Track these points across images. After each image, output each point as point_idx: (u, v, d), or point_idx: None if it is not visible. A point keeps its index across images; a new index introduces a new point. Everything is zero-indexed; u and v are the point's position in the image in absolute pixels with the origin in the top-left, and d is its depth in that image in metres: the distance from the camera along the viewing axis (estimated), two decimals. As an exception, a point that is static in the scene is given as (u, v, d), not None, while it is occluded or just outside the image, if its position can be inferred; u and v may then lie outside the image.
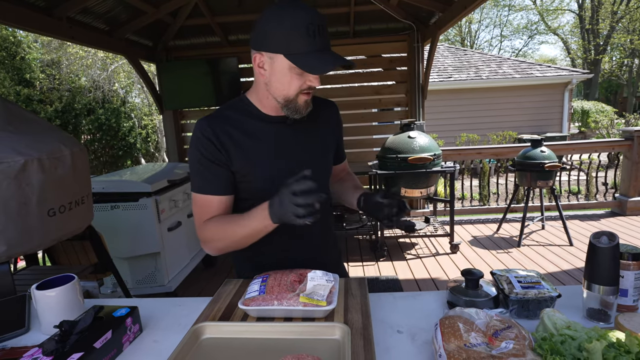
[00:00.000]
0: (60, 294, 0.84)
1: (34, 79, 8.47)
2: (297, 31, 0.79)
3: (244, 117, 0.94)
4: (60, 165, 1.56)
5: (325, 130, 1.04)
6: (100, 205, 2.46)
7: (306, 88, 0.86)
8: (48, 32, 2.72)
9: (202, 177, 0.92)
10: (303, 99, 0.88)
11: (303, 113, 0.91)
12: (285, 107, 0.90)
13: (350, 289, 0.92)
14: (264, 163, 0.93)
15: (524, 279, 0.87)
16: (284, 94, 0.87)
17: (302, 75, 0.84)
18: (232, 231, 0.89)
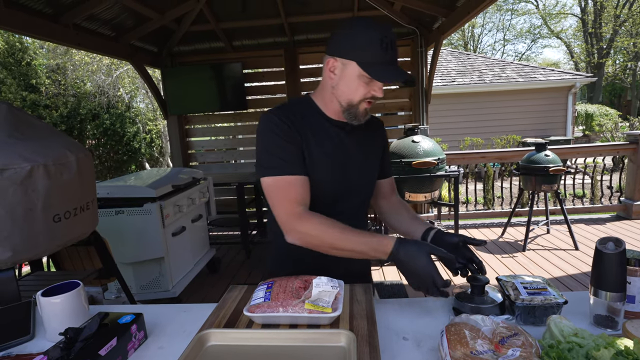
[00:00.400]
0: (65, 300, 0.85)
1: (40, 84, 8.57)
2: (372, 43, 0.87)
3: (309, 113, 0.99)
4: (66, 171, 1.58)
5: (375, 143, 1.11)
6: (105, 210, 2.48)
7: (370, 97, 0.93)
8: (55, 38, 2.75)
9: (280, 158, 0.92)
10: (364, 107, 0.95)
11: (361, 120, 0.98)
12: (346, 112, 0.96)
13: (356, 295, 0.92)
14: (322, 159, 0.97)
15: (530, 285, 0.86)
16: (349, 99, 0.94)
17: (369, 85, 0.91)
18: (339, 239, 0.88)
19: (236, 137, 4.55)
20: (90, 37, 3.08)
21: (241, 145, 4.60)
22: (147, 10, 3.19)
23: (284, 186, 0.92)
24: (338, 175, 0.99)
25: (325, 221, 0.90)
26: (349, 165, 1.01)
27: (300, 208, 0.91)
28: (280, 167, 0.92)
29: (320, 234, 0.89)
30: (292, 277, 0.87)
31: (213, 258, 3.35)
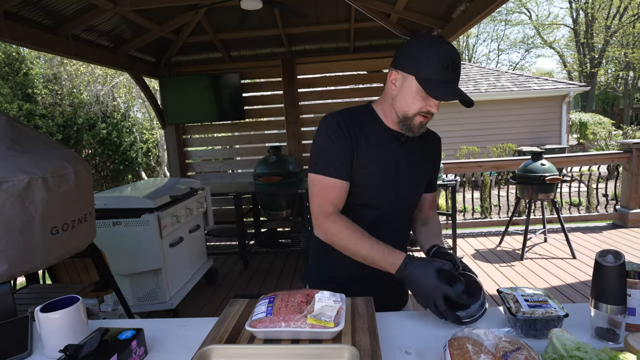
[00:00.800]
0: (64, 316, 0.84)
1: (37, 94, 8.56)
2: (432, 60, 0.90)
3: (367, 121, 1.05)
4: (64, 183, 1.57)
5: (428, 158, 1.13)
6: (102, 221, 2.46)
7: (425, 111, 0.96)
8: (54, 50, 2.77)
9: (327, 160, 1.00)
10: (419, 120, 0.98)
11: (415, 133, 1.00)
12: (401, 123, 1.00)
13: (357, 308, 0.91)
14: (372, 163, 1.02)
15: (530, 298, 0.86)
16: (404, 110, 0.97)
17: (425, 100, 0.94)
18: (354, 244, 0.96)
19: (233, 147, 4.56)
20: (88, 48, 3.09)
21: (239, 155, 4.60)
22: (146, 21, 3.22)
23: (324, 186, 1.00)
24: (384, 180, 1.04)
25: (348, 225, 0.98)
26: (397, 174, 1.05)
27: (332, 208, 1.00)
28: (327, 168, 1.00)
29: (340, 235, 0.98)
30: (293, 291, 0.87)
31: (210, 269, 3.33)
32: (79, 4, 2.66)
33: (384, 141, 1.04)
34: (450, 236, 3.95)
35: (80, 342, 0.75)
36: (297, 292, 0.86)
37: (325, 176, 1.00)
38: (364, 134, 1.02)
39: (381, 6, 3.37)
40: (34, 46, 2.58)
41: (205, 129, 4.41)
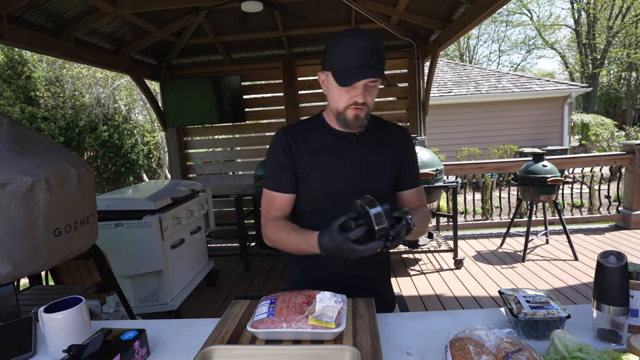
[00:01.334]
0: (68, 317, 0.84)
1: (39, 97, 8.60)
2: (341, 52, 0.93)
3: (314, 129, 1.08)
4: (67, 185, 1.58)
5: (390, 152, 1.09)
6: (104, 223, 2.47)
7: (352, 103, 0.96)
8: (56, 53, 2.78)
9: (272, 175, 1.08)
10: (352, 114, 0.98)
11: (354, 127, 1.01)
12: (338, 120, 1.02)
13: (358, 309, 0.91)
14: (319, 171, 1.04)
15: (532, 299, 0.86)
16: (335, 107, 1.00)
17: (349, 92, 0.95)
18: (284, 239, 1.00)
19: (234, 149, 4.57)
20: (90, 51, 3.11)
21: (239, 157, 4.61)
22: (147, 24, 3.24)
23: (269, 198, 1.08)
24: (335, 183, 1.04)
25: (279, 224, 1.04)
26: (351, 174, 1.04)
27: (272, 216, 1.07)
28: (271, 183, 1.08)
29: (273, 234, 1.04)
30: (294, 292, 0.87)
31: (211, 270, 3.33)
32: (80, 7, 2.67)
33: (330, 145, 1.05)
34: (451, 237, 3.95)
35: (84, 342, 0.76)
36: (299, 293, 0.86)
37: (270, 190, 1.08)
38: (307, 144, 1.05)
39: (382, 8, 3.39)
40: (37, 49, 2.60)
41: (206, 131, 4.42)
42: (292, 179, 1.06)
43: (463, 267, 3.38)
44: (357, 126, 1.00)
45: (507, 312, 0.86)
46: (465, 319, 0.93)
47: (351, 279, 1.07)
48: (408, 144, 1.14)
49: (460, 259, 3.38)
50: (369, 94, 0.97)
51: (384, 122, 1.15)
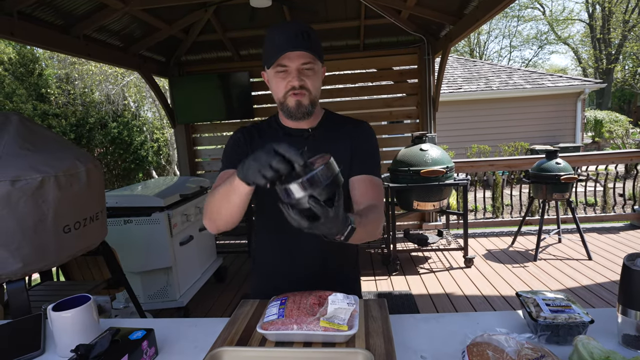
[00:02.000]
0: (76, 315, 0.83)
1: (50, 94, 8.70)
2: (268, 42, 0.94)
3: (268, 128, 1.07)
4: (76, 182, 1.58)
5: (344, 144, 1.04)
6: (114, 219, 2.48)
7: (290, 89, 0.95)
8: (66, 50, 2.79)
9: (227, 160, 1.03)
10: (292, 100, 0.96)
11: (297, 115, 0.97)
12: (282, 111, 1.00)
13: (371, 311, 0.89)
14: None
15: (552, 302, 0.83)
16: (277, 98, 0.99)
17: (284, 78, 0.94)
18: (213, 200, 0.88)
19: (243, 146, 4.56)
20: (99, 48, 3.12)
21: (248, 154, 4.59)
22: (156, 20, 3.23)
23: (220, 178, 0.99)
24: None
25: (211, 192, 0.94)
26: None
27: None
28: (224, 166, 1.03)
29: (207, 204, 0.91)
30: (305, 293, 0.85)
31: (220, 267, 3.34)
32: (90, 4, 2.68)
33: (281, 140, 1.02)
34: (461, 235, 3.90)
35: (92, 342, 0.75)
36: (309, 294, 0.84)
37: (222, 170, 1.02)
38: (259, 144, 1.03)
39: (392, 2, 3.33)
40: (46, 46, 2.61)
41: (215, 128, 4.42)
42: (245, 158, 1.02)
43: (473, 266, 3.33)
44: (301, 114, 0.97)
45: (526, 315, 0.83)
46: (481, 321, 0.90)
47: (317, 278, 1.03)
48: (363, 134, 1.06)
49: (471, 257, 3.33)
50: (306, 77, 0.94)
51: (342, 117, 1.11)
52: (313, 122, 1.06)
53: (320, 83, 1.02)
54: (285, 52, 0.90)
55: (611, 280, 2.89)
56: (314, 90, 0.97)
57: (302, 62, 0.93)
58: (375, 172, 1.04)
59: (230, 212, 0.84)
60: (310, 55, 0.93)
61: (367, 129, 1.09)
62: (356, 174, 1.02)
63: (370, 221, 0.85)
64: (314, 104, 0.99)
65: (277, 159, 0.66)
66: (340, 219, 0.68)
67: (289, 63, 0.93)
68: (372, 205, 0.94)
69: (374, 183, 1.01)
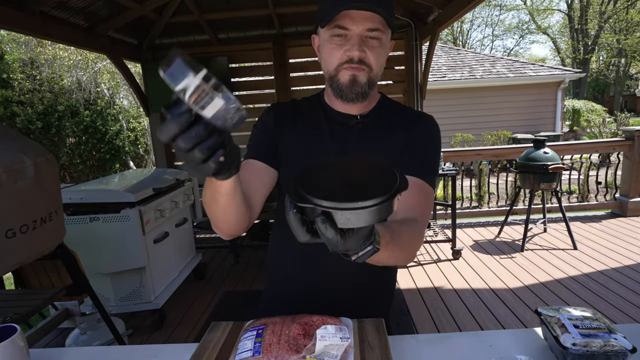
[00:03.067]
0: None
1: (13, 79, 8.09)
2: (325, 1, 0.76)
3: (309, 107, 0.89)
4: (21, 178, 1.37)
5: (397, 138, 0.85)
6: (78, 217, 2.26)
7: (346, 60, 0.76)
8: (19, 28, 2.49)
9: (249, 147, 0.87)
10: (346, 75, 0.77)
11: (350, 95, 0.79)
12: (332, 88, 0.81)
13: (367, 336, 0.75)
14: (298, 156, 0.84)
15: (581, 323, 0.70)
16: (328, 71, 0.80)
17: (340, 45, 0.76)
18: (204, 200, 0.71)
19: (223, 135, 4.33)
20: (60, 27, 2.82)
21: (228, 144, 4.38)
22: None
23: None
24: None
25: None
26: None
27: None
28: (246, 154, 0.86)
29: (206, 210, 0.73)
30: (287, 319, 0.70)
31: (199, 263, 3.16)
32: (45, -23, 2.39)
33: (322, 127, 0.85)
34: (448, 226, 3.84)
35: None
36: (293, 321, 0.69)
37: (244, 160, 0.84)
38: (296, 122, 0.86)
39: (379, -17, 3.14)
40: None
41: (192, 117, 4.17)
42: (269, 145, 0.84)
43: (461, 258, 3.27)
44: (355, 94, 0.78)
45: (549, 338, 0.71)
46: (494, 342, 0.77)
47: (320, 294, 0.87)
48: (423, 128, 0.86)
49: (459, 249, 3.26)
50: (370, 49, 0.75)
51: (401, 106, 0.91)
52: (366, 107, 0.86)
53: (385, 60, 0.81)
54: (348, 8, 0.70)
55: (597, 270, 2.87)
56: (376, 66, 0.78)
57: (369, 27, 0.73)
58: (429, 178, 0.82)
59: (227, 216, 0.69)
60: (380, 19, 0.73)
61: (430, 123, 0.88)
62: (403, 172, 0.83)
63: (404, 242, 0.65)
64: (372, 84, 0.79)
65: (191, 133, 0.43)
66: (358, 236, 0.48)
67: (352, 25, 0.73)
68: (412, 220, 0.73)
69: (424, 191, 0.80)
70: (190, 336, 2.34)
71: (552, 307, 0.78)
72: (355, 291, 0.90)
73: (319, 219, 0.43)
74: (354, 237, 0.46)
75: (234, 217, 0.70)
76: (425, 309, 2.50)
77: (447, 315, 2.41)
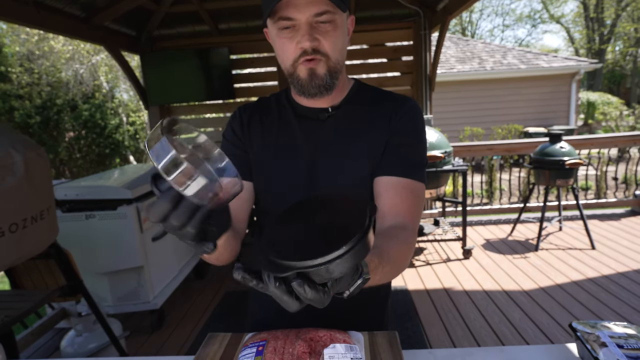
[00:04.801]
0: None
1: (11, 72, 8.04)
2: None
3: (276, 105, 0.81)
4: (10, 175, 1.29)
5: (378, 130, 0.74)
6: (74, 214, 2.18)
7: (299, 53, 0.67)
8: (13, 18, 2.40)
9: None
10: (304, 69, 0.68)
11: (311, 90, 0.70)
12: (293, 84, 0.73)
13: (379, 352, 0.65)
14: (267, 160, 0.77)
15: (625, 342, 0.59)
16: (284, 65, 0.71)
17: (291, 39, 0.66)
18: None
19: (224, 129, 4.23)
20: (55, 17, 2.72)
21: (231, 138, 4.28)
22: (121, -13, 2.85)
23: None
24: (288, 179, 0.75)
25: None
26: (313, 161, 0.74)
27: None
28: None
29: None
30: (291, 334, 0.60)
31: (200, 262, 3.08)
32: (38, -36, 2.29)
33: (291, 125, 0.77)
34: (458, 224, 3.71)
35: None
36: (297, 336, 0.59)
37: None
38: (262, 122, 0.79)
39: (387, -31, 3.00)
40: (-13, 13, 2.23)
41: (193, 110, 4.07)
42: (240, 156, 0.77)
43: (472, 257, 3.14)
44: (316, 88, 0.69)
45: (587, 357, 0.60)
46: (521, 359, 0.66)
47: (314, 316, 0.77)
48: (405, 115, 0.75)
49: (469, 248, 3.14)
50: (322, 35, 0.66)
51: (379, 91, 0.81)
52: (336, 98, 0.77)
53: (346, 41, 0.72)
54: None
55: (618, 271, 2.73)
56: (333, 53, 0.68)
57: (315, 12, 0.64)
58: (418, 174, 0.72)
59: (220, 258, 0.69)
60: (325, 0, 0.64)
61: (414, 108, 0.77)
62: (387, 173, 0.72)
63: (394, 258, 0.58)
64: (334, 73, 0.70)
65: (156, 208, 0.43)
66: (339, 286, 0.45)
67: (296, 14, 0.64)
68: (401, 227, 0.65)
69: (413, 192, 0.71)
70: (190, 338, 2.26)
71: (588, 322, 0.67)
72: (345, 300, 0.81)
73: (294, 284, 0.40)
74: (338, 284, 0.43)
75: (226, 255, 0.69)
76: (435, 311, 2.39)
77: (458, 318, 2.30)
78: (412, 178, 0.71)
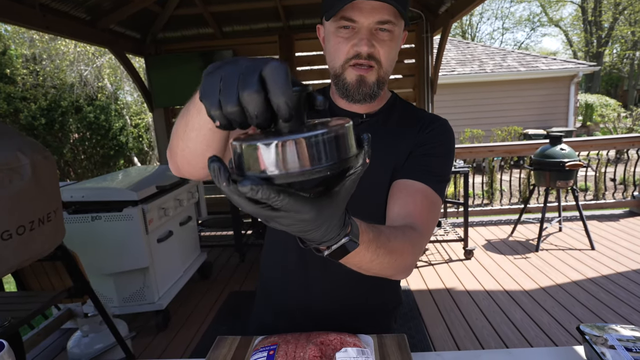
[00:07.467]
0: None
1: (16, 74, 8.05)
2: None
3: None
4: (17, 178, 1.30)
5: (406, 142, 0.75)
6: (80, 216, 2.19)
7: (353, 56, 0.67)
8: (18, 21, 2.42)
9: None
10: (353, 74, 0.69)
11: (356, 96, 0.70)
12: (337, 86, 0.73)
13: (388, 355, 0.66)
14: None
15: (633, 345, 0.61)
16: (333, 67, 0.72)
17: (348, 39, 0.67)
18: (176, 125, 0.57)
19: (228, 131, 4.26)
20: (61, 20, 2.75)
21: (234, 140, 4.30)
22: (126, -10, 2.87)
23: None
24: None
25: None
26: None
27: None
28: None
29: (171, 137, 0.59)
30: (302, 338, 0.62)
31: (204, 262, 3.09)
32: (45, -32, 2.31)
33: None
34: (459, 225, 3.74)
35: None
36: (308, 339, 0.61)
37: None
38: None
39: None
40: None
41: (197, 112, 4.09)
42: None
43: (473, 258, 3.17)
44: (362, 95, 0.69)
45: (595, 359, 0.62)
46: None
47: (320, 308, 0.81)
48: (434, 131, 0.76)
49: (471, 249, 3.16)
50: (379, 43, 0.66)
51: (414, 108, 0.82)
52: (373, 107, 0.77)
53: (396, 55, 0.72)
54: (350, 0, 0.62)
55: (617, 272, 2.75)
56: (386, 62, 0.69)
57: (379, 20, 0.65)
58: (436, 185, 0.71)
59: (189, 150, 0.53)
60: (392, 9, 0.65)
61: (444, 126, 0.78)
62: (404, 177, 0.71)
63: (393, 247, 0.53)
64: (382, 83, 0.71)
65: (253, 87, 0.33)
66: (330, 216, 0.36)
67: (360, 18, 0.65)
68: (409, 227, 0.62)
69: (427, 198, 0.69)
70: (195, 338, 2.27)
71: (595, 325, 0.69)
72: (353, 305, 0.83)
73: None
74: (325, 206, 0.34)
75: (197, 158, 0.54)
76: (437, 311, 2.41)
77: (460, 318, 2.32)
78: (429, 185, 0.70)
